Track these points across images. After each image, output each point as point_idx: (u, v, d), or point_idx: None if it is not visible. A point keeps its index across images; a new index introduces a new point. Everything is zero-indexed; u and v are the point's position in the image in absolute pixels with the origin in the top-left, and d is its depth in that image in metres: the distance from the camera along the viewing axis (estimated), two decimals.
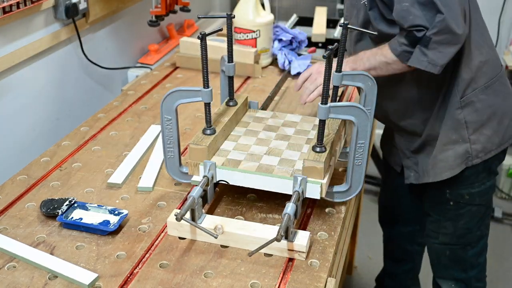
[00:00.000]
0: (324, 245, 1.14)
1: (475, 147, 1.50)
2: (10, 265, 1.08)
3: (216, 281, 1.05)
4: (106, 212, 1.20)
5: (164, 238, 1.16)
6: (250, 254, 1.08)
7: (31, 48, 1.74)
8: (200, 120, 1.64)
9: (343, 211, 1.25)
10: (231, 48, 1.31)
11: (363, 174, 1.20)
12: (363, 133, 1.14)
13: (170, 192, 1.31)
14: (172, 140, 1.24)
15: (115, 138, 1.53)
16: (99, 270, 1.06)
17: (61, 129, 1.95)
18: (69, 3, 1.82)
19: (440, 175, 1.54)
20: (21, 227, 1.18)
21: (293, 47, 2.04)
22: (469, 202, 1.58)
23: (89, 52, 2.03)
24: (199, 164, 1.20)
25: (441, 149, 1.52)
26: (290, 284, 1.04)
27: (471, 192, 1.57)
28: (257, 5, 1.94)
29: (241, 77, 1.93)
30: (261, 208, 1.25)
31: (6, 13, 1.57)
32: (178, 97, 1.19)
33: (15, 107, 1.75)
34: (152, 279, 1.05)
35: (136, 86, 1.86)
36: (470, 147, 1.50)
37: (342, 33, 1.23)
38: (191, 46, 1.99)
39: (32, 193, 1.29)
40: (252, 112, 1.44)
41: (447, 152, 1.51)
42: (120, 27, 2.23)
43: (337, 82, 1.27)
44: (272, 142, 1.30)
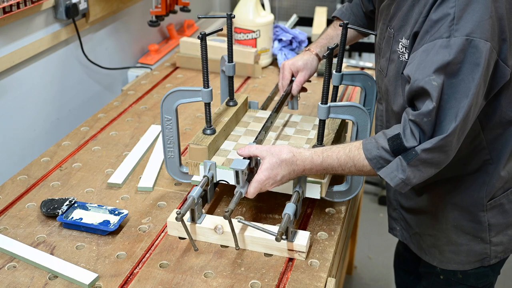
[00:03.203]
0: (324, 245, 1.14)
1: (496, 248, 1.28)
2: (10, 265, 1.08)
3: (216, 281, 1.05)
4: (106, 212, 1.20)
5: (164, 238, 1.16)
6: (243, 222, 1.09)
7: (31, 48, 1.74)
8: (200, 120, 1.64)
9: (343, 211, 1.25)
10: (231, 48, 1.31)
11: None
12: (363, 133, 1.14)
13: (170, 192, 1.31)
14: (172, 140, 1.24)
15: (115, 138, 1.53)
16: (99, 270, 1.06)
17: (61, 129, 1.95)
18: (69, 3, 1.82)
19: (446, 264, 1.32)
20: (21, 227, 1.18)
21: (293, 47, 2.04)
22: (461, 282, 1.36)
23: (89, 52, 2.03)
24: (199, 164, 1.21)
25: (450, 239, 1.29)
26: (290, 284, 1.04)
27: (466, 272, 1.33)
28: (257, 5, 1.94)
29: (241, 77, 1.93)
30: (261, 208, 1.25)
31: (6, 13, 1.57)
32: (178, 97, 1.19)
33: (15, 107, 1.75)
34: (152, 279, 1.05)
35: (136, 86, 1.86)
36: (489, 248, 1.28)
37: (342, 33, 1.23)
38: (191, 46, 2.00)
39: (32, 193, 1.30)
40: (252, 112, 1.44)
41: (459, 247, 1.29)
42: (120, 27, 2.23)
43: (336, 82, 1.27)
44: (272, 142, 1.30)
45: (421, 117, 1.00)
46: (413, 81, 1.02)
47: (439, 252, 1.32)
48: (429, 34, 1.03)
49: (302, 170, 1.09)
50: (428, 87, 0.99)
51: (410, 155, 1.03)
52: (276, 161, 1.08)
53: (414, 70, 1.03)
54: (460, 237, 1.28)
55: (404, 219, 1.40)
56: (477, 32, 0.99)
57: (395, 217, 1.43)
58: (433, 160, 1.04)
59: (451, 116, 1.00)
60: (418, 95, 1.03)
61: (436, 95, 0.99)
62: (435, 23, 1.02)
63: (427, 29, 1.04)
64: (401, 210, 1.40)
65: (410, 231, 1.39)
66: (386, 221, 3.07)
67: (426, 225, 1.33)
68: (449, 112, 1.01)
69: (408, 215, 1.38)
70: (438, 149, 1.02)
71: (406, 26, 1.11)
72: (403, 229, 1.41)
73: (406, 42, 1.11)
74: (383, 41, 1.21)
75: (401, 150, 1.04)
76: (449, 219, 1.28)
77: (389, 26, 1.17)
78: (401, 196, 1.37)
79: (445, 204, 1.27)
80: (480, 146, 1.18)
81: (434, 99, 0.99)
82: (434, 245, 1.33)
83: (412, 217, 1.37)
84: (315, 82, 1.90)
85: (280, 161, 1.08)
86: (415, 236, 1.38)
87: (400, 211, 1.40)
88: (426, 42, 1.03)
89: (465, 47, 0.99)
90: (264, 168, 1.08)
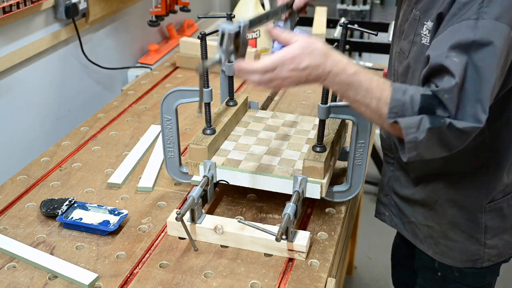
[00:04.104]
0: (324, 245, 1.14)
1: (490, 251, 1.26)
2: (10, 265, 1.08)
3: (216, 281, 1.05)
4: (106, 212, 1.20)
5: (164, 238, 1.16)
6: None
7: (31, 48, 1.74)
8: (200, 120, 1.64)
9: (343, 211, 1.25)
10: None
11: (363, 174, 1.20)
12: (363, 133, 1.14)
13: (170, 192, 1.31)
14: (172, 140, 1.24)
15: (115, 138, 1.53)
16: (99, 270, 1.06)
17: (61, 129, 1.95)
18: (69, 3, 1.82)
19: (441, 257, 1.31)
20: (21, 227, 1.18)
21: None
22: (458, 280, 1.34)
23: (89, 52, 2.03)
24: (199, 164, 1.20)
25: (446, 234, 1.28)
26: (290, 284, 1.04)
27: (462, 270, 1.32)
28: (257, 5, 1.94)
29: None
30: (261, 208, 1.25)
31: (6, 13, 1.57)
32: (178, 97, 1.19)
33: (15, 107, 1.75)
34: (152, 279, 1.05)
35: (136, 86, 1.86)
36: (483, 251, 1.26)
37: (342, 33, 1.23)
38: (191, 46, 1.99)
39: (32, 193, 1.29)
40: (252, 112, 1.44)
41: (454, 243, 1.28)
42: (120, 27, 2.23)
43: None
44: (272, 142, 1.30)
45: (442, 93, 0.95)
46: (433, 57, 0.97)
47: (434, 243, 1.31)
48: (457, 17, 0.99)
49: (329, 70, 0.97)
50: (448, 63, 0.94)
51: (437, 121, 0.95)
52: (310, 46, 0.95)
53: (434, 48, 0.98)
54: (456, 234, 1.27)
55: (397, 206, 1.37)
56: (506, 18, 0.95)
57: (386, 202, 1.40)
58: (451, 140, 0.98)
59: (476, 102, 0.95)
60: (437, 72, 0.97)
61: (459, 73, 0.94)
62: (464, 5, 0.98)
63: (455, 12, 1.00)
64: (395, 197, 1.37)
65: (403, 219, 1.37)
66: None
67: (423, 217, 1.31)
68: (473, 96, 0.95)
69: (403, 203, 1.35)
70: (465, 134, 0.96)
71: (432, 9, 1.08)
72: (394, 215, 1.39)
73: (430, 25, 1.07)
74: (405, 23, 1.19)
75: (429, 111, 0.96)
76: (446, 215, 1.27)
77: (414, 8, 1.15)
78: (396, 183, 1.35)
79: (444, 199, 1.26)
80: (483, 145, 1.16)
81: (456, 76, 0.94)
82: (431, 236, 1.31)
83: (407, 206, 1.35)
84: None
85: (313, 48, 0.95)
86: (409, 225, 1.36)
87: (392, 198, 1.38)
88: (452, 25, 0.99)
89: (493, 30, 0.95)
90: (293, 47, 0.95)
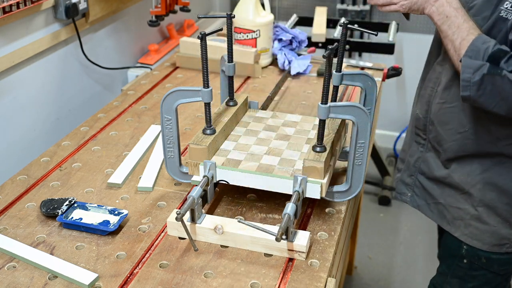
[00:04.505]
0: (324, 245, 1.14)
1: None
2: (10, 265, 1.08)
3: (216, 281, 1.05)
4: (106, 212, 1.20)
5: (164, 238, 1.16)
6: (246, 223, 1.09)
7: (31, 48, 1.74)
8: (200, 120, 1.64)
9: (343, 211, 1.25)
10: (231, 48, 1.31)
11: (363, 174, 1.20)
12: (363, 133, 1.14)
13: (170, 192, 1.31)
14: (172, 140, 1.24)
15: (115, 138, 1.53)
16: (99, 270, 1.06)
17: (61, 129, 1.95)
18: (69, 3, 1.82)
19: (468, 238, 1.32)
20: (21, 227, 1.18)
21: (293, 47, 2.04)
22: (485, 267, 1.37)
23: (89, 52, 2.03)
24: (199, 164, 1.20)
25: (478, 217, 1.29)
26: (290, 284, 1.04)
27: (490, 257, 1.35)
28: (257, 5, 1.94)
29: (241, 77, 1.93)
30: (261, 208, 1.25)
31: (6, 13, 1.57)
32: (178, 97, 1.19)
33: (15, 107, 1.75)
34: (152, 279, 1.05)
35: (136, 86, 1.86)
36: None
37: (342, 33, 1.23)
38: (191, 46, 1.99)
39: (32, 193, 1.29)
40: (252, 112, 1.44)
41: (485, 226, 1.29)
42: (120, 27, 2.23)
43: (336, 82, 1.27)
44: (272, 142, 1.30)
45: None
46: None
47: (464, 225, 1.31)
48: None
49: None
50: None
51: (495, 70, 1.05)
52: None
53: None
54: (489, 217, 1.27)
55: (423, 187, 1.39)
56: None
57: (409, 183, 1.42)
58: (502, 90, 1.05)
59: None
60: None
61: None
62: None
63: None
64: (421, 178, 1.39)
65: (429, 200, 1.38)
66: (386, 221, 3.09)
67: (454, 199, 1.32)
68: None
69: (431, 185, 1.37)
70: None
71: None
72: (417, 196, 1.41)
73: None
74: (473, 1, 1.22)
75: (493, 61, 1.06)
76: (484, 199, 1.27)
77: None
78: (424, 164, 1.37)
79: (483, 183, 1.26)
80: None
81: None
82: (461, 218, 1.31)
83: (436, 188, 1.36)
84: (315, 82, 1.90)
85: None
86: (436, 206, 1.37)
87: (417, 178, 1.40)
88: None
89: None
90: None
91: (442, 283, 1.47)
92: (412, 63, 3.39)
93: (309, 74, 1.96)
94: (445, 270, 1.46)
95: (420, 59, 3.38)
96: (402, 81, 3.47)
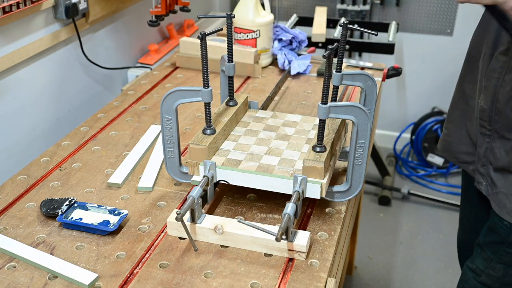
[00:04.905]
0: (324, 245, 1.14)
1: None
2: (10, 265, 1.08)
3: (216, 281, 1.05)
4: (106, 212, 1.20)
5: (164, 238, 1.16)
6: None
7: (31, 48, 1.74)
8: (200, 120, 1.64)
9: (343, 211, 1.25)
10: (231, 48, 1.31)
11: (363, 174, 1.20)
12: (363, 133, 1.14)
13: (170, 192, 1.31)
14: (172, 140, 1.24)
15: (115, 138, 1.53)
16: (99, 270, 1.06)
17: (61, 129, 1.95)
18: (69, 3, 1.82)
19: None
20: (21, 227, 1.18)
21: (293, 47, 2.04)
22: None
23: (89, 52, 2.03)
24: (199, 164, 1.20)
25: None
26: (290, 284, 1.04)
27: None
28: (257, 5, 1.94)
29: (241, 77, 1.93)
30: (261, 208, 1.25)
31: (6, 13, 1.57)
32: (178, 97, 1.19)
33: (15, 107, 1.75)
34: (152, 279, 1.05)
35: (136, 86, 1.86)
36: None
37: (342, 33, 1.23)
38: (191, 46, 2.00)
39: (32, 193, 1.29)
40: (252, 112, 1.44)
41: None
42: (120, 27, 2.24)
43: (336, 82, 1.27)
44: (272, 142, 1.30)
45: None
46: None
47: None
48: None
49: None
50: None
51: None
52: None
53: None
54: None
55: (490, 176, 1.43)
56: None
57: (483, 172, 1.47)
58: None
59: None
60: None
61: None
62: None
63: None
64: (490, 167, 1.43)
65: (493, 189, 1.43)
66: (386, 221, 3.09)
67: None
68: None
69: (495, 174, 1.42)
70: None
71: None
72: (489, 185, 1.45)
73: None
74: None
75: None
76: None
77: None
78: (491, 154, 1.41)
79: None
80: None
81: None
82: None
83: (500, 176, 1.41)
84: (315, 82, 1.90)
85: None
86: (497, 195, 1.42)
87: (488, 168, 1.44)
88: None
89: None
90: None
91: (485, 267, 1.52)
92: (412, 63, 3.40)
93: (309, 74, 1.96)
94: (490, 256, 1.51)
95: (420, 59, 3.39)
96: (402, 81, 3.47)
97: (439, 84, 3.38)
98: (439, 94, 3.40)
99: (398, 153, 3.57)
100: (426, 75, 3.41)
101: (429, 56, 3.35)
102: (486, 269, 1.52)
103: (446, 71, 3.33)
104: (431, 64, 3.36)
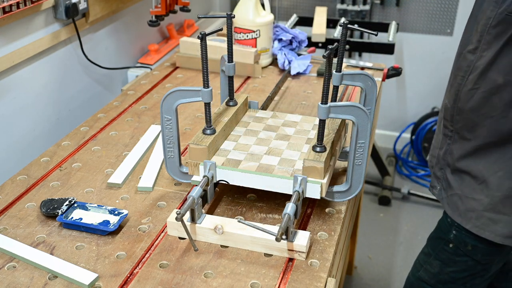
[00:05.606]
0: (324, 245, 1.14)
1: None
2: (10, 265, 1.08)
3: (216, 281, 1.05)
4: (106, 212, 1.20)
5: (164, 238, 1.16)
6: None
7: (31, 48, 1.74)
8: (200, 120, 1.64)
9: (343, 211, 1.25)
10: (231, 48, 1.31)
11: (363, 174, 1.20)
12: (363, 133, 1.14)
13: (170, 192, 1.31)
14: (172, 140, 1.24)
15: (115, 138, 1.53)
16: (99, 270, 1.06)
17: (61, 129, 1.95)
18: (69, 3, 1.82)
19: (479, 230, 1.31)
20: (21, 227, 1.18)
21: (293, 47, 2.04)
22: (469, 254, 1.40)
23: (89, 52, 2.03)
24: (199, 164, 1.20)
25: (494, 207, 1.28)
26: (290, 284, 1.04)
27: (476, 246, 1.37)
28: (257, 5, 1.94)
29: (241, 77, 1.93)
30: (261, 208, 1.25)
31: (6, 13, 1.57)
32: (178, 97, 1.19)
33: (15, 107, 1.75)
34: (152, 279, 1.05)
35: (136, 86, 1.86)
36: None
37: (342, 33, 1.23)
38: (191, 46, 2.00)
39: (32, 193, 1.29)
40: (252, 112, 1.44)
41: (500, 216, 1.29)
42: (120, 27, 2.24)
43: (336, 82, 1.27)
44: (272, 142, 1.30)
45: None
46: None
47: (476, 217, 1.31)
48: None
49: None
50: None
51: None
52: None
53: None
54: (506, 207, 1.26)
55: (446, 179, 1.40)
56: None
57: (439, 176, 1.44)
58: None
59: None
60: None
61: None
62: None
63: None
64: (447, 170, 1.40)
65: (448, 192, 1.40)
66: (386, 221, 3.09)
67: (471, 189, 1.32)
68: None
69: (452, 176, 1.39)
70: None
71: None
72: (443, 189, 1.42)
73: None
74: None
75: None
76: (503, 187, 1.26)
77: None
78: (449, 156, 1.38)
79: (505, 171, 1.25)
80: None
81: None
82: (473, 209, 1.31)
83: (456, 178, 1.37)
84: (315, 82, 1.90)
85: None
86: (452, 197, 1.38)
87: (445, 171, 1.41)
88: None
89: None
90: None
91: (424, 263, 1.51)
92: (412, 63, 3.40)
93: (309, 74, 1.96)
94: (430, 251, 1.50)
95: (420, 59, 3.39)
96: (402, 81, 3.47)
97: (439, 84, 3.38)
98: (439, 94, 3.40)
99: (398, 153, 3.57)
100: (426, 75, 3.41)
101: (429, 56, 3.35)
102: (425, 264, 1.51)
103: (446, 71, 3.33)
104: (431, 64, 3.36)
